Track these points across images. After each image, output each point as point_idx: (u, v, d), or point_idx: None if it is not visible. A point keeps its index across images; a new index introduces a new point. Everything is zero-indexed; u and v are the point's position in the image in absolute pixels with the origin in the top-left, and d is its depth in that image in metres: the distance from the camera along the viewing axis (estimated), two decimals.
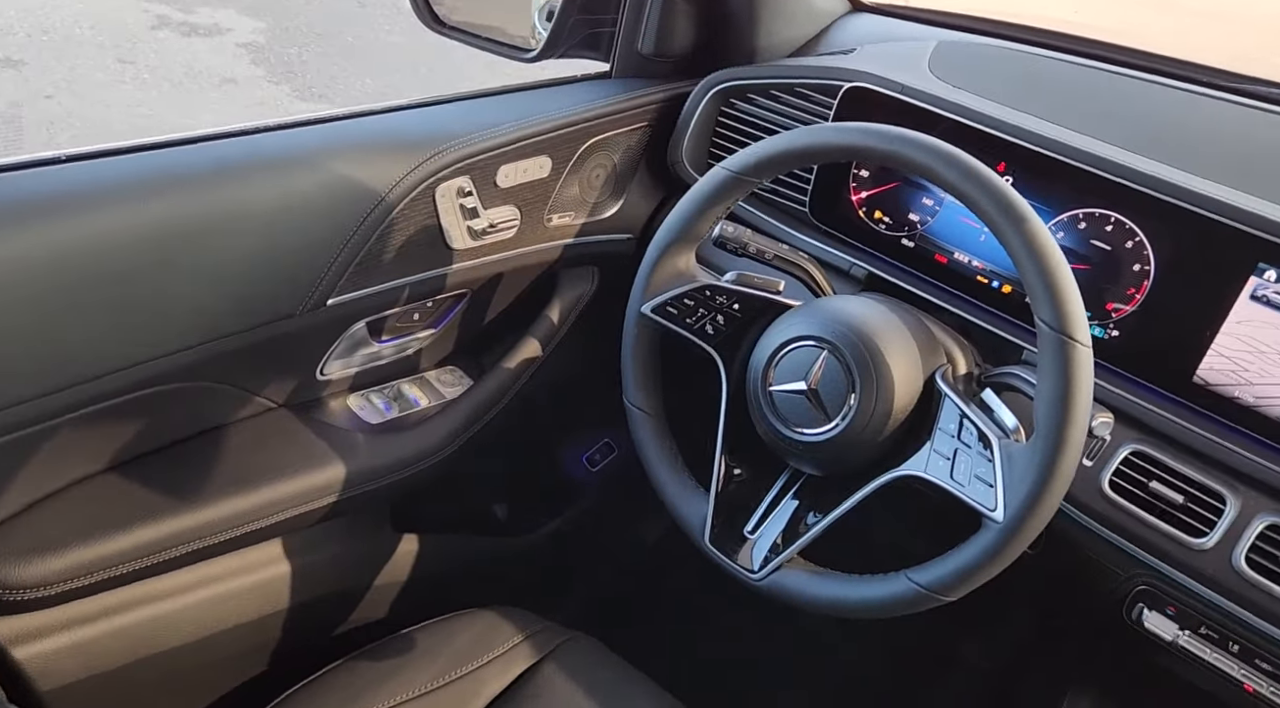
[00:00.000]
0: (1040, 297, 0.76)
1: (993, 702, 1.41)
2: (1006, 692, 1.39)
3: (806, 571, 0.86)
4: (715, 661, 1.53)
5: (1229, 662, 0.87)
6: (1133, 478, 0.91)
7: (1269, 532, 0.85)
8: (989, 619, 1.42)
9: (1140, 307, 0.94)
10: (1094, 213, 0.95)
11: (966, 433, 0.81)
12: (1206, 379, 0.91)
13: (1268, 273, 0.87)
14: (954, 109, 1.02)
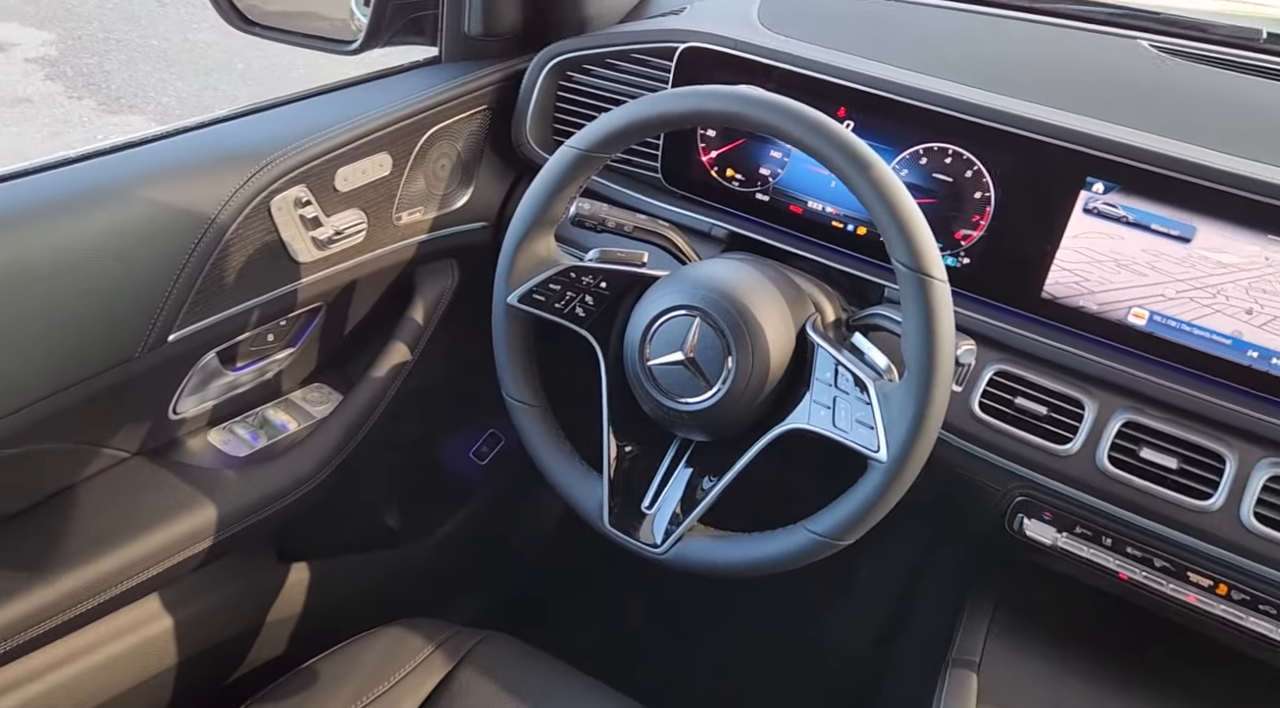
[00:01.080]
0: (894, 238, 0.78)
1: (895, 621, 1.48)
2: (908, 609, 1.45)
3: (709, 537, 0.87)
4: (630, 636, 1.54)
5: (1104, 555, 0.93)
6: (999, 397, 0.95)
7: (1126, 429, 0.91)
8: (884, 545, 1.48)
9: (986, 232, 0.98)
10: (933, 147, 0.98)
11: (843, 379, 0.83)
12: (1054, 293, 0.96)
13: (1095, 185, 0.92)
14: (789, 59, 1.03)
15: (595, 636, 1.52)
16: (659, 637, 1.56)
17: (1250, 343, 0.89)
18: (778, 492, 1.08)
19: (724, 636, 1.56)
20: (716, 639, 1.56)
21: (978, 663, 0.94)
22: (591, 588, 1.59)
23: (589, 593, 1.60)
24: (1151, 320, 0.93)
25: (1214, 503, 0.86)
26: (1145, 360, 0.93)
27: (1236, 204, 0.86)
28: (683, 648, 1.54)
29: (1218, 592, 0.88)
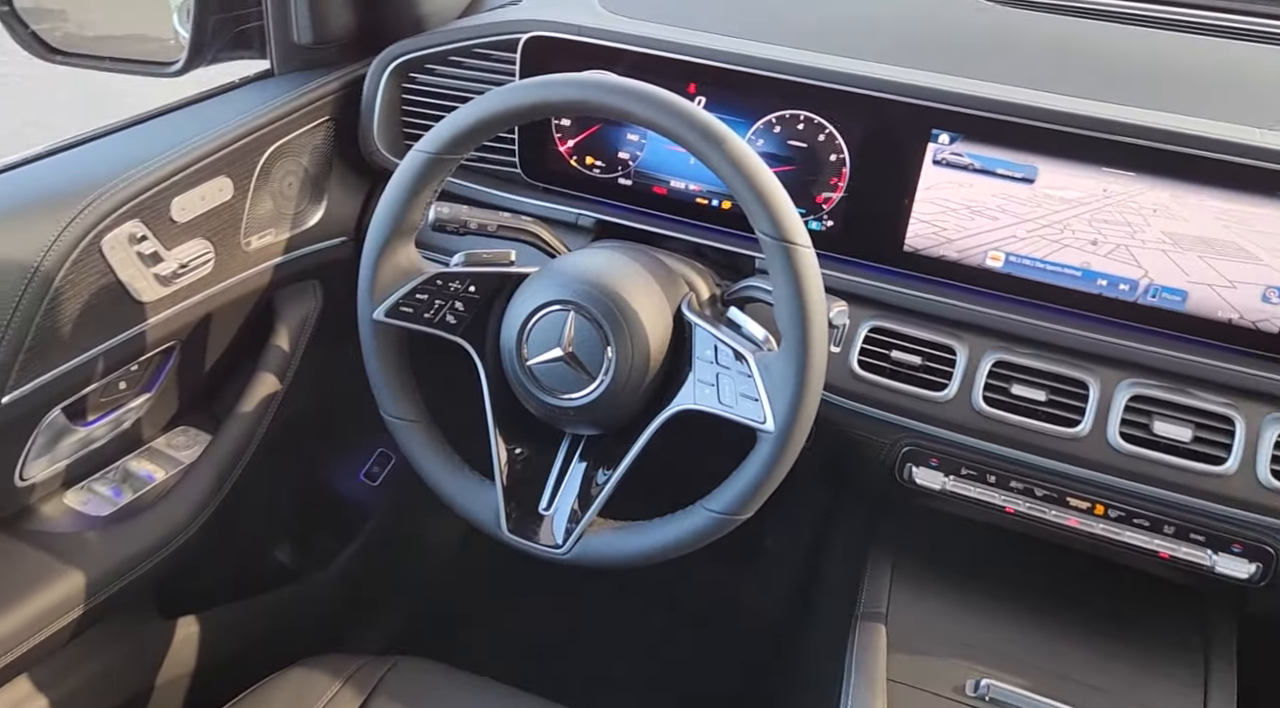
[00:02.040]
0: (754, 210, 0.78)
1: (806, 583, 1.51)
2: (814, 570, 1.48)
3: (610, 530, 0.86)
4: (550, 637, 1.53)
5: (990, 492, 0.96)
6: (876, 353, 0.97)
7: (997, 369, 0.94)
8: (786, 511, 1.51)
9: (845, 193, 1.00)
10: (785, 115, 0.99)
11: (723, 355, 0.83)
12: (915, 246, 0.99)
13: (941, 137, 0.94)
14: (635, 41, 1.02)
15: (514, 643, 1.50)
16: (579, 632, 1.55)
17: (1098, 272, 0.94)
18: (684, 473, 1.08)
19: (644, 619, 1.56)
20: (637, 624, 1.56)
21: (885, 614, 0.97)
22: (505, 595, 1.57)
23: (503, 601, 1.57)
24: (1008, 261, 0.97)
25: (1083, 429, 0.91)
26: (1007, 300, 0.97)
27: (1072, 142, 0.90)
28: (604, 639, 1.53)
29: (1095, 512, 0.93)
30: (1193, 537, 0.90)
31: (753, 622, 1.53)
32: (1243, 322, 0.90)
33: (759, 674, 1.47)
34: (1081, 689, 0.89)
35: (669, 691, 1.48)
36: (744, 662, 1.50)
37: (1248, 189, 0.86)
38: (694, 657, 1.52)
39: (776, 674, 1.45)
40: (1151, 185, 0.89)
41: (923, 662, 0.91)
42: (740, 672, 1.49)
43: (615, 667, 1.50)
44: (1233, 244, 0.88)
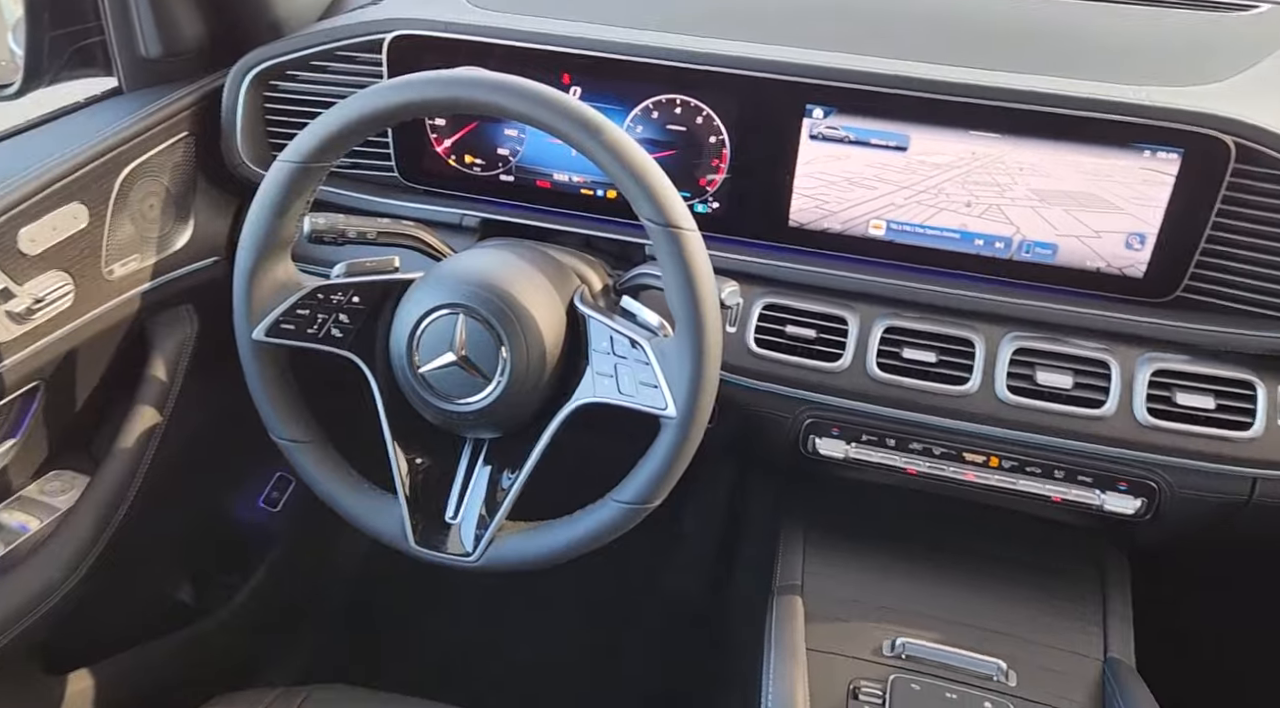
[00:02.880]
0: (636, 197, 0.77)
1: (725, 562, 1.52)
2: (732, 549, 1.50)
3: (519, 532, 0.84)
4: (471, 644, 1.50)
5: (891, 456, 0.99)
6: (771, 329, 0.98)
7: (888, 335, 0.96)
8: (699, 493, 1.52)
9: (728, 174, 1.00)
10: (661, 100, 0.99)
11: (619, 345, 0.82)
12: (800, 221, 1.00)
13: (815, 112, 0.95)
14: (504, 34, 1.00)
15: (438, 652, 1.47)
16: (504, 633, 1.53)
17: (974, 232, 0.97)
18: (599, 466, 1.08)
19: (567, 614, 1.55)
20: (560, 619, 1.54)
21: (800, 585, 0.98)
22: (426, 606, 1.54)
23: (424, 612, 1.54)
24: (889, 229, 0.99)
25: (972, 385, 0.94)
26: (892, 267, 0.99)
27: (940, 108, 0.92)
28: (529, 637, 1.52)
29: (991, 465, 0.96)
30: (1081, 479, 0.94)
31: (676, 607, 1.54)
32: (1110, 269, 0.94)
33: (686, 660, 1.48)
34: (990, 636, 0.93)
35: (597, 683, 1.48)
36: (670, 648, 1.50)
37: (1105, 143, 0.89)
38: (620, 648, 1.51)
39: (703, 658, 1.46)
40: (1016, 146, 0.92)
41: (840, 628, 0.93)
42: (667, 658, 1.49)
43: (542, 665, 1.49)
44: (1095, 196, 0.92)
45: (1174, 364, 0.91)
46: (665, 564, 1.55)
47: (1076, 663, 0.90)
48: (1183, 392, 0.90)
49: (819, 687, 0.83)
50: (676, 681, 1.45)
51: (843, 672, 0.86)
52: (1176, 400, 0.90)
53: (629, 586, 1.54)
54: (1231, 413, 0.89)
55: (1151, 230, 0.92)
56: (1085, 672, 0.90)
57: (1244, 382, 0.89)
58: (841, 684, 0.85)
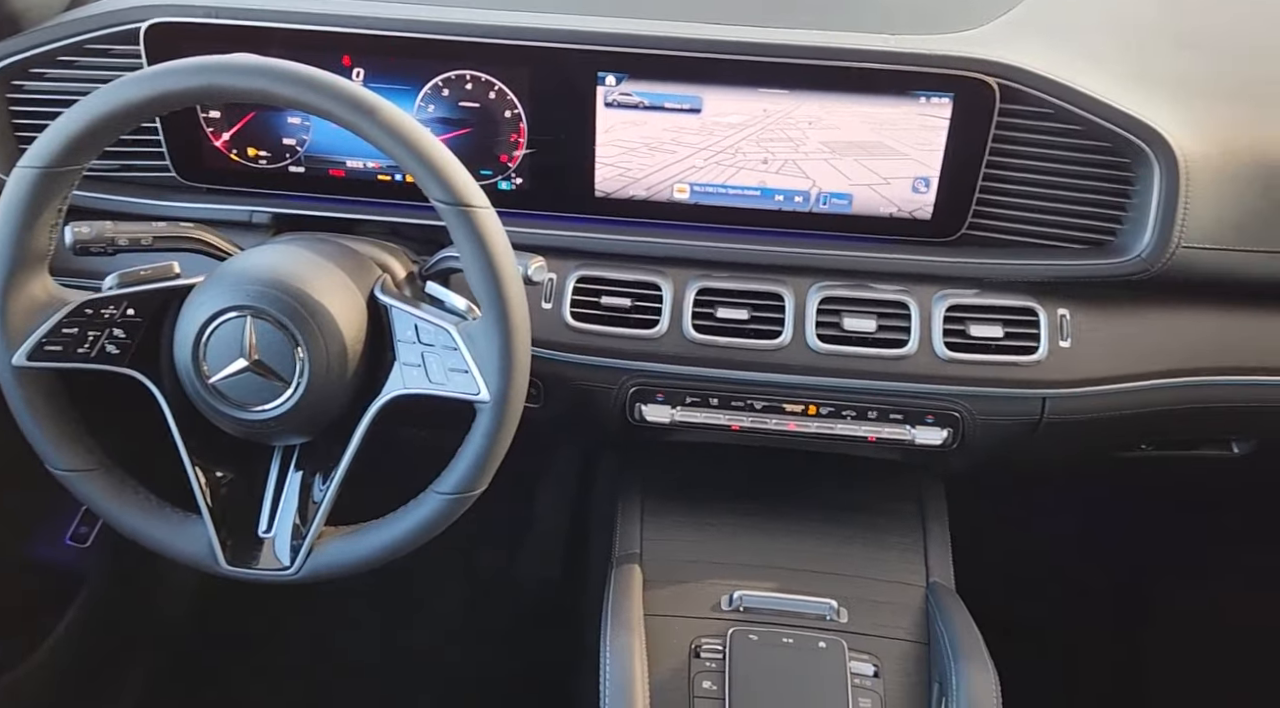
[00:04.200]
0: (423, 178, 0.75)
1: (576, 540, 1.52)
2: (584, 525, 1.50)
3: (340, 537, 0.81)
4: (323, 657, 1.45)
5: (715, 415, 1.00)
6: (586, 301, 0.98)
7: (701, 297, 0.97)
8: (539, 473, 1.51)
9: (528, 148, 0.98)
10: (450, 77, 0.96)
11: (425, 333, 0.80)
12: (605, 190, 1.00)
13: (607, 78, 0.95)
14: (273, 17, 0.94)
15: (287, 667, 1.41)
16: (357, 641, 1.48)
17: (774, 189, 0.99)
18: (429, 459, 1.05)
19: (419, 611, 1.52)
20: (414, 617, 1.51)
21: (639, 553, 0.99)
22: (268, 625, 1.46)
23: (266, 628, 1.47)
24: (693, 191, 1.00)
25: (785, 338, 0.96)
26: (700, 230, 1.00)
27: (727, 68, 0.93)
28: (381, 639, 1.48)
29: (809, 413, 0.99)
30: (893, 417, 0.98)
31: (534, 591, 1.53)
32: (901, 214, 0.98)
33: (546, 644, 1.48)
34: (823, 578, 0.96)
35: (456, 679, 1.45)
36: (529, 633, 1.49)
37: (883, 92, 0.93)
38: (478, 640, 1.49)
39: (562, 640, 1.46)
40: (803, 100, 0.94)
41: (679, 590, 0.94)
42: (527, 644, 1.49)
43: (397, 666, 1.45)
44: (881, 144, 0.96)
45: (965, 299, 0.96)
46: (519, 549, 1.54)
47: (902, 592, 0.95)
48: (974, 324, 0.95)
49: (660, 652, 0.84)
50: (538, 668, 1.45)
51: (684, 633, 0.88)
52: (970, 333, 0.95)
53: (483, 575, 1.52)
54: (1019, 339, 0.95)
55: (934, 174, 0.96)
56: (910, 599, 0.95)
57: (1027, 309, 0.95)
58: (683, 645, 0.86)
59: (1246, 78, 1.00)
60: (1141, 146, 0.90)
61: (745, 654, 0.86)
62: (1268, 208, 0.92)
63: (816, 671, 0.87)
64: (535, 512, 1.55)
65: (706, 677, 0.84)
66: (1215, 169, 0.91)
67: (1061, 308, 0.96)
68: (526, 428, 0.82)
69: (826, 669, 0.87)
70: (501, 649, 1.49)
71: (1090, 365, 0.96)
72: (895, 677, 0.88)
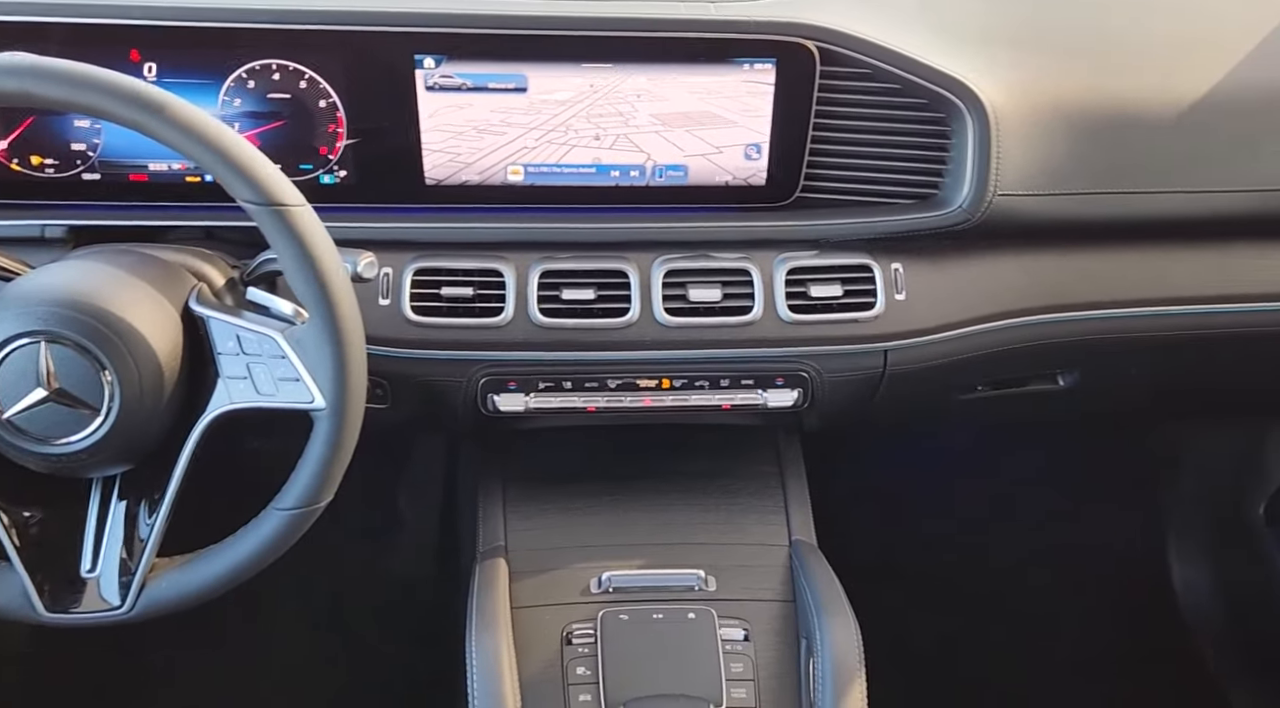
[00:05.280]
0: (227, 178, 0.70)
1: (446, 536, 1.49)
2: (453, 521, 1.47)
3: (176, 569, 0.76)
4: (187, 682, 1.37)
5: (570, 398, 0.99)
6: (426, 294, 0.94)
7: (545, 280, 0.95)
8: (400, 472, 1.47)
9: (349, 139, 0.94)
10: (255, 67, 0.90)
11: (249, 343, 0.75)
12: (436, 177, 0.96)
13: (426, 61, 0.91)
14: (49, 10, 0.86)
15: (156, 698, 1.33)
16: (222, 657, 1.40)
17: (609, 165, 0.98)
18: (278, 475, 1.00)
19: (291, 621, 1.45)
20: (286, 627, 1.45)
21: (504, 546, 0.97)
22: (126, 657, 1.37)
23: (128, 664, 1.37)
24: (528, 173, 0.98)
25: (633, 314, 0.95)
26: (538, 211, 0.98)
27: (549, 44, 0.91)
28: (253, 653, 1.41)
29: (663, 387, 0.99)
30: (744, 383, 0.99)
31: (407, 592, 1.49)
32: (736, 181, 0.99)
33: (422, 645, 1.44)
34: (690, 549, 0.97)
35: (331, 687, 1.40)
36: (405, 635, 1.45)
37: (706, 61, 0.93)
38: (352, 634, 1.44)
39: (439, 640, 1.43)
40: (628, 73, 0.93)
41: (546, 578, 0.93)
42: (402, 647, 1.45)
43: (272, 680, 1.39)
44: (710, 113, 0.96)
45: (804, 261, 0.98)
46: (388, 551, 1.49)
47: (766, 554, 0.97)
48: (814, 285, 0.97)
49: (530, 643, 0.83)
50: (416, 669, 1.42)
51: (554, 621, 0.87)
52: (811, 294, 0.97)
53: (353, 580, 1.47)
54: (857, 296, 0.98)
55: (764, 140, 0.97)
56: (775, 560, 0.97)
57: (863, 266, 0.98)
58: (555, 634, 0.86)
59: (1047, 26, 1.05)
60: (954, 101, 0.93)
61: (617, 635, 0.86)
62: (1073, 152, 0.98)
63: (688, 641, 0.87)
64: (401, 510, 1.50)
65: (580, 663, 0.84)
66: (1023, 118, 0.96)
67: (895, 262, 0.99)
68: (376, 428, 0.79)
69: (698, 639, 0.88)
70: (374, 653, 1.44)
71: (925, 315, 0.99)
72: (765, 638, 0.89)
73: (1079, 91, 0.98)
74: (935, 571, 1.56)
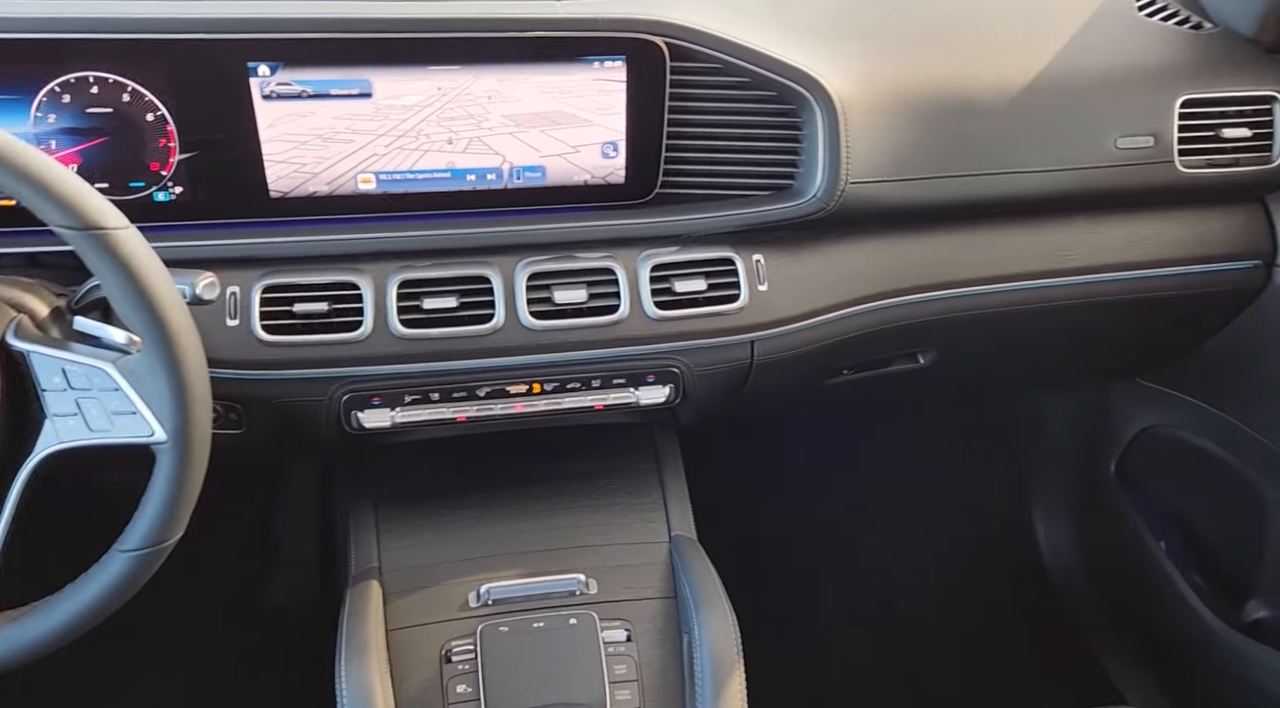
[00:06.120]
0: (36, 202, 0.65)
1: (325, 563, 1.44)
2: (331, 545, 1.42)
3: (10, 624, 0.70)
4: None
5: (439, 409, 0.96)
6: (278, 312, 0.90)
7: (404, 290, 0.92)
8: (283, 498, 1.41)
9: (183, 154, 0.89)
10: (70, 81, 0.84)
11: (77, 378, 0.70)
12: (281, 189, 0.92)
13: (260, 69, 0.87)
14: None
15: None
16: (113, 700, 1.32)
17: (465, 168, 0.96)
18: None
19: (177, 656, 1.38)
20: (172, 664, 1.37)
21: (378, 567, 0.94)
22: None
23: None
24: (379, 181, 0.94)
25: (498, 320, 0.94)
26: (393, 220, 0.95)
27: (390, 48, 0.88)
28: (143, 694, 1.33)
29: (535, 391, 0.98)
30: (616, 382, 0.99)
31: (293, 619, 1.43)
32: (595, 180, 0.98)
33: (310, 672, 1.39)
34: (570, 553, 0.96)
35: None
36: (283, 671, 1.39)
37: (555, 60, 0.92)
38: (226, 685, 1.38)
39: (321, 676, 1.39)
40: (477, 75, 0.91)
41: (423, 596, 0.91)
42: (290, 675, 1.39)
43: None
44: (564, 113, 0.95)
45: (667, 257, 0.98)
46: (266, 579, 1.43)
47: (646, 552, 0.97)
48: (679, 280, 0.97)
49: (408, 666, 0.81)
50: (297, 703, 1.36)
51: (433, 640, 0.85)
52: (676, 289, 0.97)
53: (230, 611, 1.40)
54: (722, 289, 0.98)
55: (621, 137, 0.97)
56: (656, 557, 0.97)
57: (725, 259, 0.99)
58: (433, 653, 0.83)
59: (892, 17, 1.08)
60: (802, 93, 0.95)
61: (497, 648, 0.84)
62: (916, 138, 1.01)
63: (570, 648, 0.87)
64: (279, 534, 1.44)
65: (460, 681, 0.82)
66: (869, 107, 0.98)
67: (756, 254, 1.00)
68: (233, 455, 0.75)
69: (580, 644, 0.87)
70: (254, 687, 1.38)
71: (789, 304, 1.01)
72: (648, 637, 0.89)
73: (918, 79, 1.02)
74: (815, 549, 1.61)
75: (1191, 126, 1.07)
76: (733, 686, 0.82)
